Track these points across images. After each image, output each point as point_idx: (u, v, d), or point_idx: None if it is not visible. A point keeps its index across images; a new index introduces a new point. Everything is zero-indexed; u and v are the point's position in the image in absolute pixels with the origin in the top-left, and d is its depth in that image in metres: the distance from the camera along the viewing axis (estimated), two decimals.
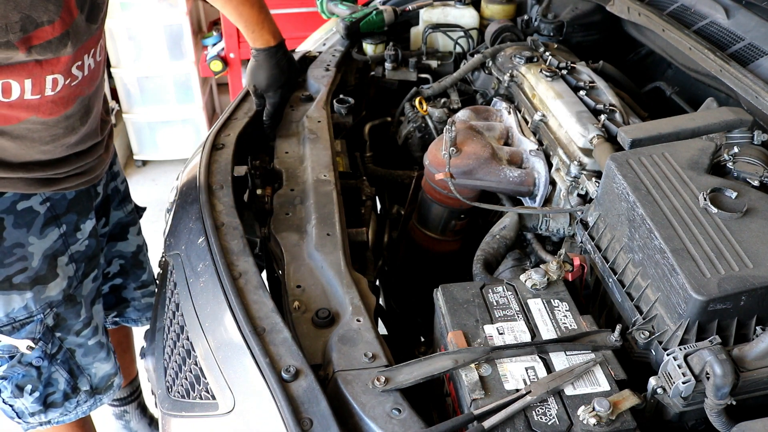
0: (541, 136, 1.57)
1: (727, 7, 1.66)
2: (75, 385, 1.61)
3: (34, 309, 1.45)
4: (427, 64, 2.10)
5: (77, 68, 1.29)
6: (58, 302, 1.48)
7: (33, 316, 1.46)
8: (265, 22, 1.62)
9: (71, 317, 1.53)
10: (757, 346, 0.91)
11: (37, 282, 1.44)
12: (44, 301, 1.46)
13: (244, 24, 1.61)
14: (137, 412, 2.24)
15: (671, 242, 1.01)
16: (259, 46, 1.63)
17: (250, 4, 1.58)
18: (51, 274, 1.46)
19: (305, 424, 0.93)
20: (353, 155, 1.80)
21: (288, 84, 1.70)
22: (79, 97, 1.34)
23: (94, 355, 1.62)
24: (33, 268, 1.42)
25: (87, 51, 1.30)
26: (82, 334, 1.57)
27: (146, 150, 4.05)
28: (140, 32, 3.66)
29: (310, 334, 1.11)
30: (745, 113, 1.29)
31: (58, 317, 1.50)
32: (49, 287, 1.46)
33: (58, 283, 1.47)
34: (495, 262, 1.42)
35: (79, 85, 1.32)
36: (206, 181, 1.42)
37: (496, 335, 1.04)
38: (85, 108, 1.39)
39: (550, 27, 1.98)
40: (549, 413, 0.91)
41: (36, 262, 1.43)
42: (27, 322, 1.45)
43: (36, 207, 1.41)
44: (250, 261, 1.22)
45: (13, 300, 1.42)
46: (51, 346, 1.51)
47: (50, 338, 1.51)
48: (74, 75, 1.29)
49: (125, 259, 1.86)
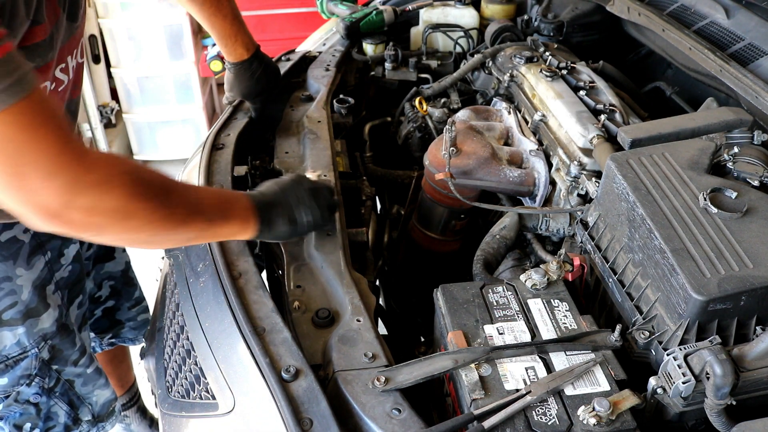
0: (541, 136, 1.57)
1: (727, 7, 1.66)
2: (76, 417, 1.56)
3: (27, 344, 1.39)
4: (427, 64, 2.10)
5: (62, 71, 1.23)
6: (53, 333, 1.43)
7: (27, 352, 1.40)
8: (239, 35, 1.54)
9: (67, 347, 1.47)
10: (757, 346, 0.91)
11: (29, 315, 1.37)
12: (37, 334, 1.40)
13: (217, 36, 1.54)
14: (137, 416, 2.23)
15: (671, 242, 1.01)
16: (232, 60, 1.57)
17: (222, 16, 1.50)
18: (42, 305, 1.39)
19: (305, 424, 0.93)
20: (353, 155, 1.80)
21: (267, 92, 1.64)
22: (65, 102, 1.29)
23: (94, 382, 1.57)
24: (23, 302, 1.36)
25: (70, 52, 1.24)
26: (80, 364, 1.51)
27: (146, 150, 4.05)
28: (140, 32, 3.67)
29: (310, 334, 1.11)
30: (745, 113, 1.29)
31: (53, 349, 1.44)
32: (41, 319, 1.40)
33: (50, 313, 1.41)
34: (495, 262, 1.42)
35: (65, 89, 1.26)
36: (206, 181, 1.42)
37: (496, 335, 1.04)
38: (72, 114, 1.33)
39: (550, 27, 1.98)
40: (549, 413, 0.91)
41: (26, 294, 1.36)
42: (21, 358, 1.39)
43: (20, 236, 1.34)
44: (250, 261, 1.22)
45: (4, 337, 1.36)
46: (48, 380, 1.46)
47: (47, 372, 1.45)
48: (59, 79, 1.23)
49: (115, 279, 1.80)
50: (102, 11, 3.58)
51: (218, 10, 1.49)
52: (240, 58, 1.57)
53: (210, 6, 1.48)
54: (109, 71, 3.77)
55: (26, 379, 1.43)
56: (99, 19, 3.59)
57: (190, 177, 1.51)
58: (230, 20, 1.51)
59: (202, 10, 1.49)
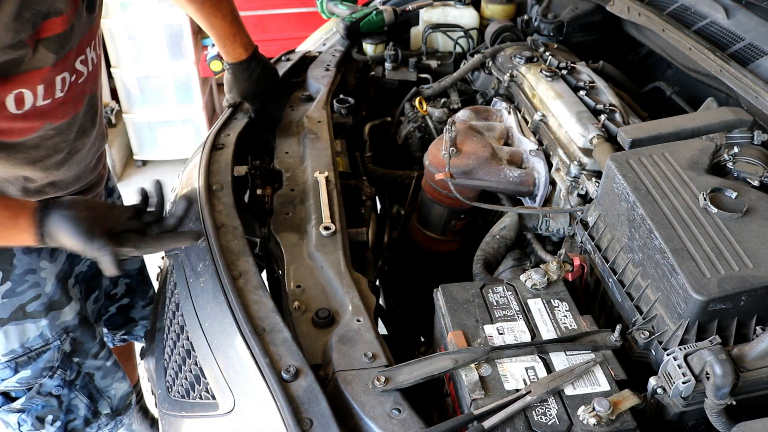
0: (541, 136, 1.57)
1: (727, 7, 1.66)
2: (96, 410, 1.57)
3: (50, 336, 1.40)
4: (427, 64, 2.10)
5: (81, 63, 1.25)
6: (74, 326, 1.44)
7: (49, 344, 1.41)
8: (237, 35, 1.54)
9: (88, 340, 1.49)
10: (757, 346, 0.91)
11: (52, 308, 1.39)
12: (60, 326, 1.41)
13: (216, 37, 1.55)
14: (139, 415, 2.23)
15: (671, 242, 1.01)
16: (231, 60, 1.58)
17: (221, 16, 1.50)
18: (65, 298, 1.41)
19: (305, 424, 0.93)
20: (353, 155, 1.80)
21: (267, 92, 1.65)
22: (86, 95, 1.31)
23: (113, 375, 1.58)
24: (47, 294, 1.38)
25: (88, 43, 1.26)
26: (100, 356, 1.53)
27: (146, 150, 4.05)
28: (140, 32, 3.67)
29: (310, 334, 1.11)
30: (745, 113, 1.29)
31: (75, 342, 1.45)
32: (64, 312, 1.41)
33: (72, 306, 1.43)
34: (495, 262, 1.42)
35: (85, 81, 1.28)
36: (206, 181, 1.42)
37: (496, 335, 1.04)
38: (93, 108, 1.35)
39: (550, 27, 1.98)
40: (549, 413, 0.91)
41: (50, 287, 1.38)
42: (44, 350, 1.41)
43: None
44: (250, 261, 1.22)
45: (27, 329, 1.38)
46: (70, 373, 1.47)
47: (68, 364, 1.46)
48: (79, 71, 1.25)
49: (131, 278, 1.81)
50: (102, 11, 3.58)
51: (217, 10, 1.49)
52: (238, 59, 1.57)
53: (209, 7, 1.49)
54: (109, 71, 3.77)
55: (49, 371, 1.44)
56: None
57: (190, 177, 1.51)
58: (229, 20, 1.52)
59: (201, 10, 1.49)
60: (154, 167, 4.11)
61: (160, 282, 1.51)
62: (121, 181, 4.00)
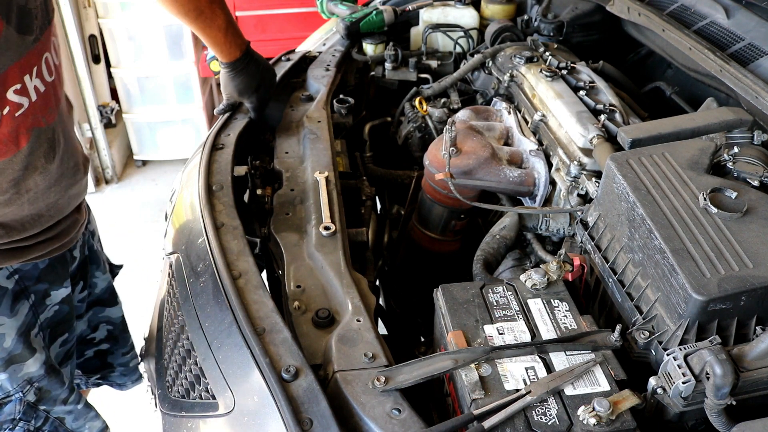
0: (541, 136, 1.57)
1: (727, 7, 1.66)
2: None
3: (10, 389, 1.34)
4: (427, 64, 2.10)
5: (16, 93, 1.08)
6: (40, 376, 1.38)
7: (10, 396, 1.35)
8: (232, 38, 1.54)
9: (56, 388, 1.42)
10: (757, 346, 0.91)
11: (12, 362, 1.32)
12: (21, 378, 1.35)
13: (211, 43, 1.54)
14: None
15: (671, 242, 1.01)
16: (226, 61, 1.58)
17: (216, 27, 1.50)
18: (28, 351, 1.34)
19: (305, 424, 0.93)
20: (353, 155, 1.80)
21: (263, 86, 1.65)
22: (34, 129, 1.14)
23: (85, 416, 1.53)
24: (6, 349, 1.30)
25: (27, 70, 1.10)
26: (69, 401, 1.47)
27: (146, 150, 4.05)
28: (140, 32, 3.67)
29: (310, 334, 1.11)
30: (745, 113, 1.29)
31: (40, 391, 1.39)
32: (26, 364, 1.34)
33: (37, 357, 1.36)
34: (495, 262, 1.42)
35: (27, 113, 1.11)
36: (206, 181, 1.42)
37: (496, 335, 1.04)
38: (49, 143, 1.19)
39: (550, 27, 1.98)
40: (549, 413, 0.91)
41: (9, 342, 1.30)
42: (4, 403, 1.35)
43: (2, 282, 1.27)
44: (250, 261, 1.22)
45: None
46: (35, 422, 1.41)
47: (32, 415, 1.40)
48: (14, 102, 1.08)
49: (113, 325, 1.74)
50: (102, 11, 3.59)
51: (212, 22, 1.49)
52: (233, 58, 1.58)
53: (204, 20, 1.48)
54: (109, 71, 3.78)
55: (10, 423, 1.39)
56: (99, 19, 3.59)
57: (190, 177, 1.51)
58: (224, 27, 1.51)
59: (197, 23, 1.49)
60: (154, 167, 4.11)
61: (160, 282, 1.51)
62: (121, 182, 4.00)
